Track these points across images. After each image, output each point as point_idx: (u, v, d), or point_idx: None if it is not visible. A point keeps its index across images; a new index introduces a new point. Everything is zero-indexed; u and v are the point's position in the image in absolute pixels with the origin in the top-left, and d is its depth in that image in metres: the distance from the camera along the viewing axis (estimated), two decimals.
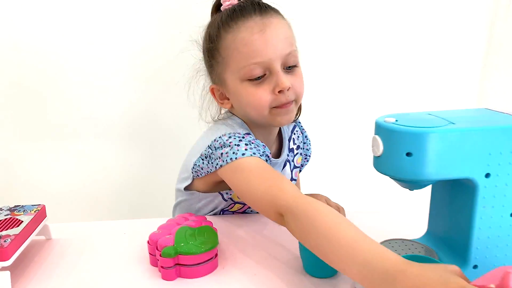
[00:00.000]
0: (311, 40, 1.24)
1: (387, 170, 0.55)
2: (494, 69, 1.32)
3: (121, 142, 1.28)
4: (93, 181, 1.33)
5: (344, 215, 0.76)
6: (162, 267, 0.62)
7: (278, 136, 0.90)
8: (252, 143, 0.74)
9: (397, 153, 0.53)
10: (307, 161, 0.97)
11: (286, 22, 0.78)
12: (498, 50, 1.29)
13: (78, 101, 1.24)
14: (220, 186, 0.81)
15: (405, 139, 0.52)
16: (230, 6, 0.77)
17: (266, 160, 0.75)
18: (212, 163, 0.76)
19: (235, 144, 0.72)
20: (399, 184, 0.59)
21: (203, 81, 0.86)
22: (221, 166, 0.72)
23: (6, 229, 0.63)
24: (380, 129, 0.56)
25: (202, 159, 0.78)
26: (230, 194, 0.83)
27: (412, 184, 0.57)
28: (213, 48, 0.77)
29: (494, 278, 0.41)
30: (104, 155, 1.30)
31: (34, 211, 0.69)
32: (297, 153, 0.94)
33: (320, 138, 1.23)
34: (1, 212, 0.69)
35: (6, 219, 0.66)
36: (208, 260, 0.63)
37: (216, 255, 0.65)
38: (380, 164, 0.56)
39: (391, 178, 0.57)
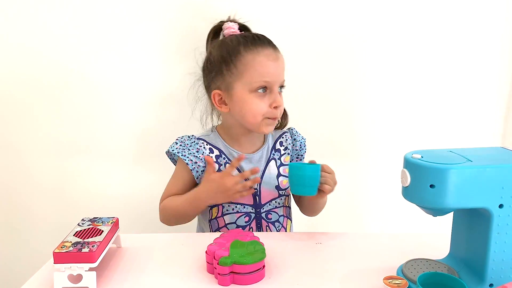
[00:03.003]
0: (345, 79, 1.38)
1: (414, 199, 0.66)
2: None
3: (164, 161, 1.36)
4: (135, 198, 1.44)
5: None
6: (219, 274, 0.73)
7: (263, 139, 1.10)
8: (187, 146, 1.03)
9: (422, 184, 0.63)
10: (300, 160, 1.13)
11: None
12: None
13: (129, 120, 1.37)
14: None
15: (429, 173, 0.62)
16: (232, 34, 0.99)
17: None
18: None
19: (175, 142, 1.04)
20: (424, 211, 0.68)
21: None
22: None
23: (91, 237, 0.76)
24: (408, 164, 0.66)
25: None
26: None
27: (435, 211, 0.67)
28: (229, 60, 0.96)
29: None
30: (147, 174, 1.41)
31: (111, 223, 0.82)
32: (285, 153, 1.09)
33: (360, 172, 1.48)
34: (84, 222, 0.83)
35: (89, 228, 0.80)
36: (257, 270, 0.74)
37: (264, 266, 0.76)
38: (408, 193, 0.66)
39: (417, 205, 0.67)
